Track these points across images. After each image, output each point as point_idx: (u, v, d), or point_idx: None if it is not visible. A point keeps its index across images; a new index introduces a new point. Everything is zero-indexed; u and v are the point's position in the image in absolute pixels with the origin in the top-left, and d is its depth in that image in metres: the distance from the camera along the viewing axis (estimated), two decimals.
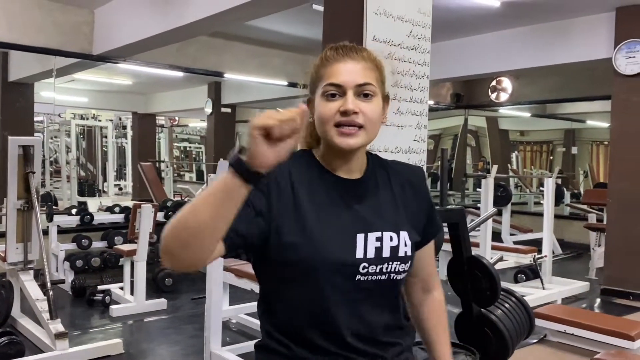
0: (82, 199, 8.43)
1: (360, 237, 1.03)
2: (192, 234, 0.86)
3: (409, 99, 2.99)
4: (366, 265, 1.03)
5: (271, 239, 1.00)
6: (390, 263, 1.05)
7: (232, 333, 3.91)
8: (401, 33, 2.93)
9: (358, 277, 1.02)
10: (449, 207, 3.68)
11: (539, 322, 3.89)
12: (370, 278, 1.03)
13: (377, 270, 1.04)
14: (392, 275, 1.05)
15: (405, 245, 1.06)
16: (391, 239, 1.05)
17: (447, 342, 1.22)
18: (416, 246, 1.11)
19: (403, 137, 3.00)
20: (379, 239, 1.04)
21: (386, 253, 1.04)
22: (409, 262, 1.08)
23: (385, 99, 1.10)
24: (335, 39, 3.13)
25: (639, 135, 5.04)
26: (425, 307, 1.22)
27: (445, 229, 2.84)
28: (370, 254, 1.03)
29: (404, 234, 1.07)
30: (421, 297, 1.23)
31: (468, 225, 3.03)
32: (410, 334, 1.17)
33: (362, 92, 1.03)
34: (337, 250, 1.01)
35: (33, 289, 3.65)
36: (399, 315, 1.13)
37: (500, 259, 4.38)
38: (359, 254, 1.03)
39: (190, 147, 14.23)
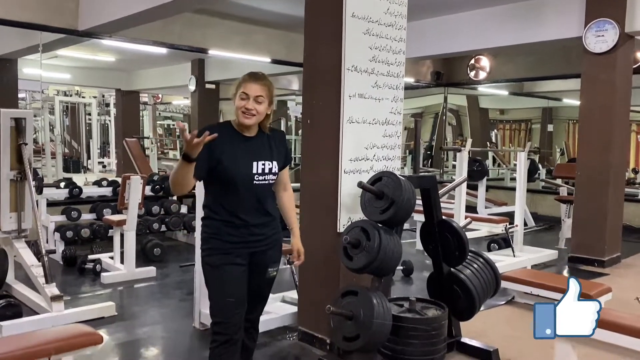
0: (67, 176, 8.48)
1: (254, 163, 2.19)
2: (180, 183, 2.07)
3: (386, 73, 3.17)
4: (257, 176, 2.19)
5: (216, 167, 2.13)
6: (268, 175, 2.22)
7: None
8: (379, 10, 3.10)
9: (254, 182, 2.19)
10: (421, 174, 3.86)
11: (508, 284, 4.15)
12: (259, 182, 2.20)
13: (262, 179, 2.21)
14: (269, 181, 2.24)
15: (275, 168, 2.24)
16: (269, 164, 2.22)
17: (293, 216, 2.43)
18: (280, 168, 2.28)
19: (380, 109, 3.18)
20: (263, 164, 2.21)
21: (267, 170, 2.22)
22: (276, 175, 2.27)
23: (270, 103, 2.20)
24: (317, 16, 3.29)
25: (606, 112, 5.30)
26: (284, 197, 2.40)
27: (419, 196, 3.07)
28: (259, 170, 2.19)
29: (274, 162, 2.24)
30: (281, 192, 2.40)
31: (439, 192, 3.26)
32: (277, 217, 2.34)
33: (257, 100, 2.15)
34: (244, 169, 2.17)
35: (28, 256, 3.80)
36: (273, 203, 2.31)
37: (470, 223, 4.61)
38: (254, 170, 2.19)
39: (173, 125, 14.24)
